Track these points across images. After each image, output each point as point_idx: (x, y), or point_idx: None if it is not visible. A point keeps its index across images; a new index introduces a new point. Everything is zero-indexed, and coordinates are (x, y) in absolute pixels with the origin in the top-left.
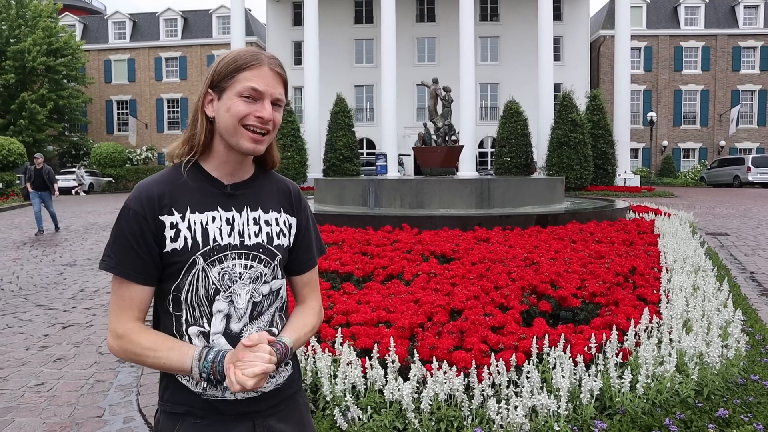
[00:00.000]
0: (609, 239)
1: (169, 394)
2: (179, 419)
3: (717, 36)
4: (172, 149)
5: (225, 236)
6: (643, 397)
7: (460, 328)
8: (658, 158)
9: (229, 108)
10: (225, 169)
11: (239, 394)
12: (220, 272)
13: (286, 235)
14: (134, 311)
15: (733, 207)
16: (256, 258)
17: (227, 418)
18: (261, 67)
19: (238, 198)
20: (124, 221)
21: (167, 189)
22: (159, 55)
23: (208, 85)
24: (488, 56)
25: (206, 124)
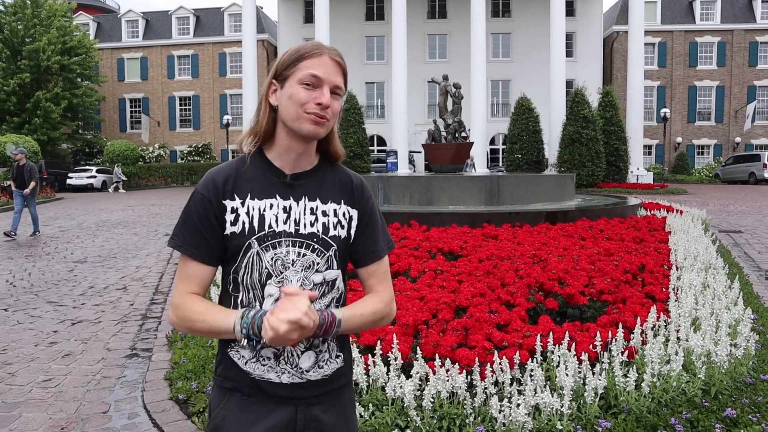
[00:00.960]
0: (619, 236)
1: (221, 369)
2: (227, 393)
3: (733, 31)
4: (239, 141)
5: (281, 223)
6: (649, 396)
7: (465, 326)
8: (671, 155)
9: (291, 95)
10: (287, 158)
11: (285, 377)
12: (273, 257)
13: (344, 226)
14: (193, 286)
15: (748, 204)
16: (309, 247)
17: (271, 400)
18: (321, 56)
19: (296, 188)
20: (192, 203)
21: (231, 176)
22: (171, 53)
23: (273, 76)
24: (500, 53)
25: (270, 112)
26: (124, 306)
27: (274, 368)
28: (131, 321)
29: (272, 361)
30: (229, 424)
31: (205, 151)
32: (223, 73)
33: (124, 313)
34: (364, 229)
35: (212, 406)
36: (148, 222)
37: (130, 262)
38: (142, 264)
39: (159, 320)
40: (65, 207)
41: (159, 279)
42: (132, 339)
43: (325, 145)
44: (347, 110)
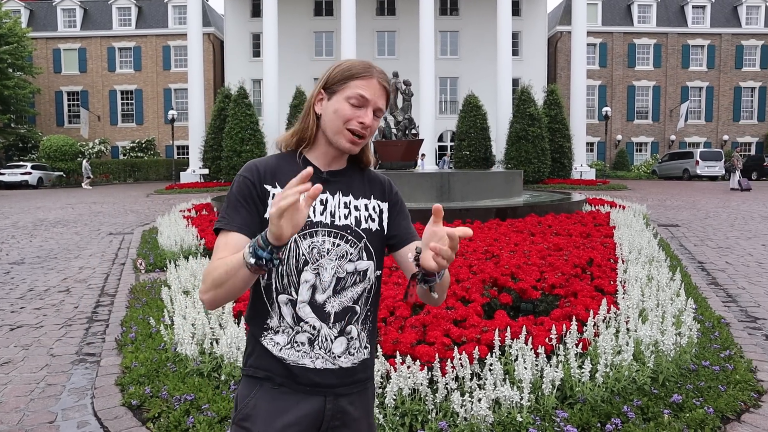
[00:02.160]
0: (567, 231)
1: (252, 360)
2: (258, 383)
3: (668, 34)
4: (281, 139)
5: (318, 214)
6: (603, 386)
7: (423, 322)
8: (612, 152)
9: (337, 110)
10: (324, 160)
11: (318, 362)
12: (310, 245)
13: (374, 219)
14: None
15: (683, 199)
16: (343, 238)
17: (301, 389)
18: (371, 78)
19: (332, 183)
20: (235, 186)
21: (272, 166)
22: (112, 45)
23: (322, 86)
24: (448, 50)
25: (315, 119)
26: (67, 309)
27: (308, 353)
28: (76, 325)
29: (306, 346)
30: (259, 412)
31: (148, 147)
32: (167, 66)
33: (68, 316)
34: (396, 217)
35: (240, 397)
36: (90, 220)
37: (72, 262)
38: (85, 264)
39: (106, 323)
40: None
41: (104, 280)
42: (78, 344)
43: (359, 155)
44: (296, 106)
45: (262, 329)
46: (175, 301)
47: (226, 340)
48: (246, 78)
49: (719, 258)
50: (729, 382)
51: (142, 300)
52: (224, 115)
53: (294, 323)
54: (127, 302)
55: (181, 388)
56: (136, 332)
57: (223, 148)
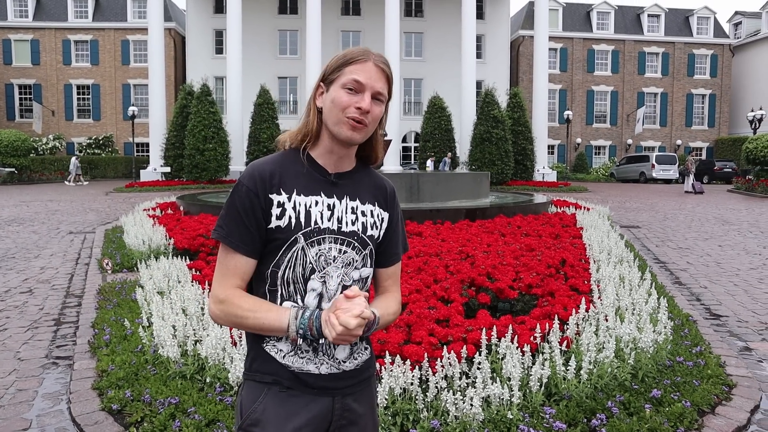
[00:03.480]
0: (536, 232)
1: (257, 365)
2: (265, 388)
3: (625, 41)
4: (285, 137)
5: (325, 220)
6: (587, 383)
7: (407, 322)
8: (572, 155)
9: (334, 99)
10: (330, 159)
11: (323, 369)
12: (317, 253)
13: (377, 227)
14: (236, 280)
15: (642, 201)
16: (350, 245)
17: (309, 392)
18: (366, 62)
19: (339, 187)
20: (237, 196)
21: (278, 170)
22: (67, 38)
23: (320, 79)
24: (413, 52)
25: (316, 114)
26: (32, 311)
27: (313, 360)
28: (43, 327)
29: (311, 353)
30: (269, 417)
31: (106, 144)
32: (126, 61)
33: (33, 318)
34: (392, 233)
35: (245, 403)
36: (48, 219)
37: (32, 262)
38: (47, 264)
39: (76, 325)
40: None
41: (69, 281)
42: (47, 347)
43: (368, 149)
44: (261, 105)
45: (263, 336)
46: (152, 302)
47: (210, 341)
48: (209, 75)
49: (680, 258)
50: (702, 377)
51: (113, 301)
52: (186, 113)
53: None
54: (96, 303)
55: (164, 391)
56: (110, 334)
57: (186, 146)
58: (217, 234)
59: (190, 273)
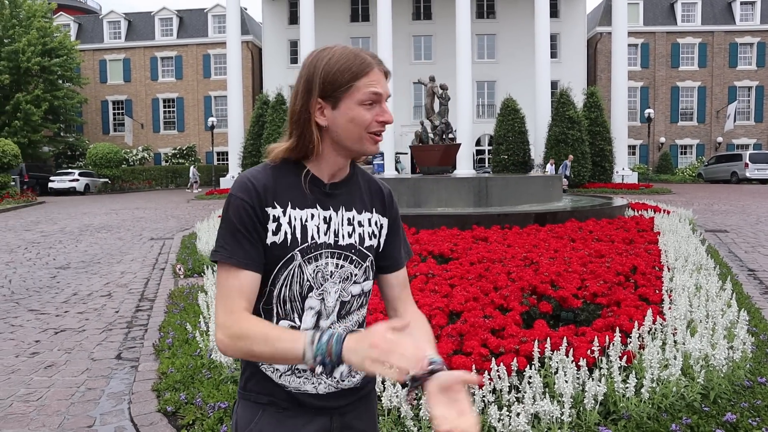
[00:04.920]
0: (608, 237)
1: (252, 385)
2: (261, 408)
3: (714, 32)
4: (275, 152)
5: (322, 234)
6: (648, 402)
7: (460, 331)
8: (655, 155)
9: (353, 118)
10: (328, 171)
11: (321, 388)
12: (315, 270)
13: (376, 236)
14: (243, 301)
15: (732, 203)
16: (348, 258)
17: (307, 411)
18: (373, 70)
19: (335, 197)
20: (233, 211)
21: (271, 181)
22: (155, 55)
23: (319, 95)
24: (485, 54)
25: (318, 133)
26: (108, 313)
27: (310, 379)
28: (116, 329)
29: (308, 372)
30: None
31: (189, 154)
32: (207, 74)
33: (108, 320)
34: (393, 237)
35: (242, 422)
36: (133, 226)
37: (114, 267)
38: (126, 269)
39: (145, 328)
40: (47, 211)
41: (144, 285)
42: (117, 348)
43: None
44: None
45: None
46: (211, 307)
47: None
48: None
49: None
50: None
51: (180, 305)
52: (262, 122)
53: None
54: (165, 307)
55: (215, 395)
56: (173, 338)
57: (262, 153)
58: (220, 255)
59: None
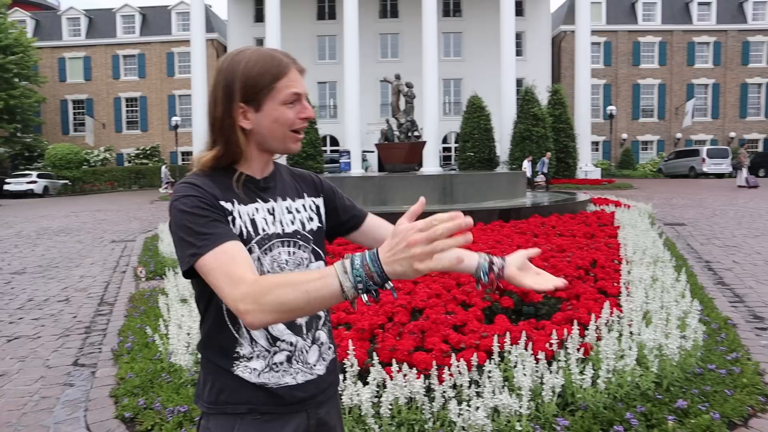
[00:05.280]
0: (570, 232)
1: (226, 396)
2: (237, 419)
3: (673, 31)
4: (202, 162)
5: (270, 225)
6: (605, 392)
7: (421, 328)
8: (617, 151)
9: (277, 118)
10: (257, 167)
11: (299, 377)
12: (271, 261)
13: (313, 218)
14: (245, 268)
15: (689, 197)
16: (296, 244)
17: (285, 410)
18: (290, 71)
19: (271, 190)
20: (188, 207)
21: (210, 185)
22: (116, 53)
23: (241, 100)
24: (451, 52)
25: (242, 136)
26: (66, 319)
27: (288, 371)
28: (74, 335)
29: (285, 364)
30: None
31: (153, 154)
32: (171, 73)
33: (66, 326)
34: (338, 201)
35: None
36: (93, 228)
37: (73, 271)
38: (86, 273)
39: (104, 333)
40: (2, 214)
41: (104, 289)
42: (75, 354)
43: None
44: None
45: (231, 360)
46: (172, 310)
47: None
48: None
49: (726, 257)
50: (736, 386)
51: (141, 309)
52: None
53: (270, 345)
54: (125, 311)
55: (174, 399)
56: (132, 342)
57: None
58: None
59: None
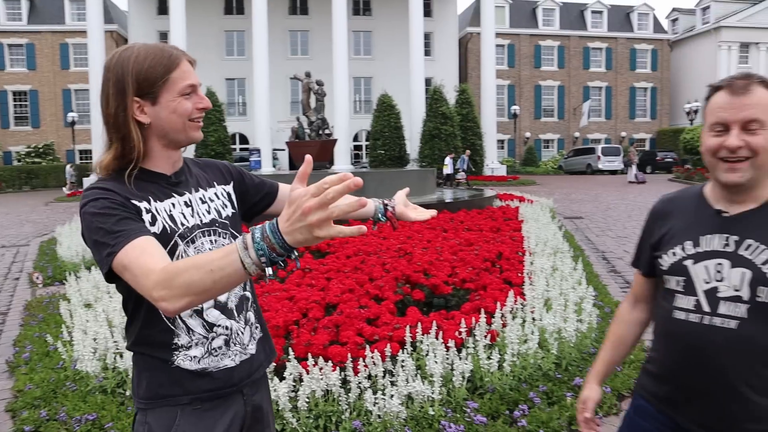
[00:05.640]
0: (478, 227)
1: (167, 390)
2: (178, 411)
3: (570, 36)
4: (104, 164)
5: (189, 218)
6: (510, 375)
7: (336, 323)
8: (521, 149)
9: (175, 109)
10: (167, 163)
11: (237, 358)
12: (195, 252)
13: (227, 205)
14: (155, 258)
15: (586, 192)
16: (216, 233)
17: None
18: (182, 62)
19: (184, 183)
20: (98, 209)
21: (118, 186)
22: (1, 42)
23: (135, 95)
24: (361, 50)
25: (140, 132)
26: None
27: (227, 353)
28: None
29: (224, 348)
30: None
31: (47, 152)
32: (65, 65)
33: None
34: (249, 180)
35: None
36: None
37: None
38: None
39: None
40: None
41: None
42: None
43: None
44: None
45: (170, 351)
46: (75, 315)
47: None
48: None
49: (618, 247)
50: (625, 363)
51: (39, 316)
52: None
53: (207, 331)
54: (21, 320)
55: (81, 407)
56: (31, 351)
57: None
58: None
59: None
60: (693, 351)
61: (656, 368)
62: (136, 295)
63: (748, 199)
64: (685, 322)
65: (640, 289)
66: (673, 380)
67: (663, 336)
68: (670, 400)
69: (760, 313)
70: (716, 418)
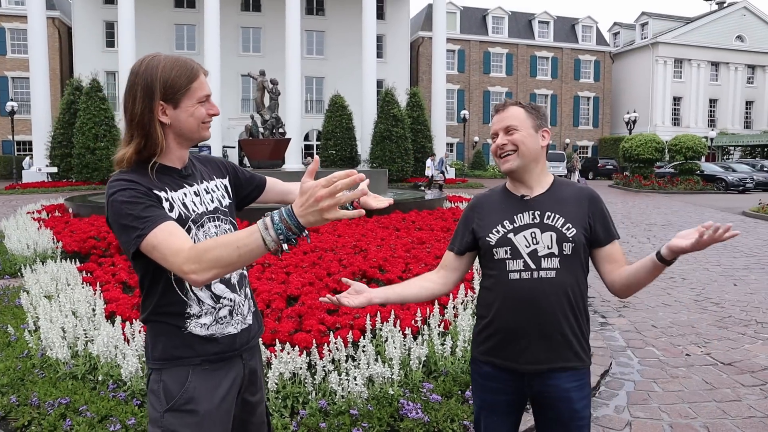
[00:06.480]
0: (429, 226)
1: (181, 351)
2: (190, 369)
3: (518, 45)
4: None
5: (198, 205)
6: (462, 359)
7: (299, 313)
8: (470, 152)
9: (193, 113)
10: (178, 158)
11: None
12: (204, 234)
13: (225, 196)
14: (183, 240)
15: None
16: (219, 219)
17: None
18: (200, 74)
19: (192, 176)
20: (127, 197)
21: (137, 177)
22: None
23: (161, 98)
24: (314, 50)
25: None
26: None
27: (230, 322)
28: None
29: (228, 317)
30: (201, 392)
31: None
32: (2, 51)
33: None
34: (241, 174)
35: (173, 387)
36: None
37: None
38: None
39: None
40: None
41: None
42: None
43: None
44: None
45: (183, 319)
46: (39, 306)
47: (102, 339)
48: (99, 69)
49: None
50: None
51: None
52: (75, 109)
53: (215, 302)
54: None
55: (53, 393)
56: None
57: (75, 144)
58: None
59: (80, 275)
60: (527, 302)
61: (492, 330)
62: (153, 271)
63: (536, 186)
64: (519, 280)
65: (447, 262)
66: (509, 332)
67: (501, 298)
68: (506, 349)
69: (566, 262)
70: (543, 350)
